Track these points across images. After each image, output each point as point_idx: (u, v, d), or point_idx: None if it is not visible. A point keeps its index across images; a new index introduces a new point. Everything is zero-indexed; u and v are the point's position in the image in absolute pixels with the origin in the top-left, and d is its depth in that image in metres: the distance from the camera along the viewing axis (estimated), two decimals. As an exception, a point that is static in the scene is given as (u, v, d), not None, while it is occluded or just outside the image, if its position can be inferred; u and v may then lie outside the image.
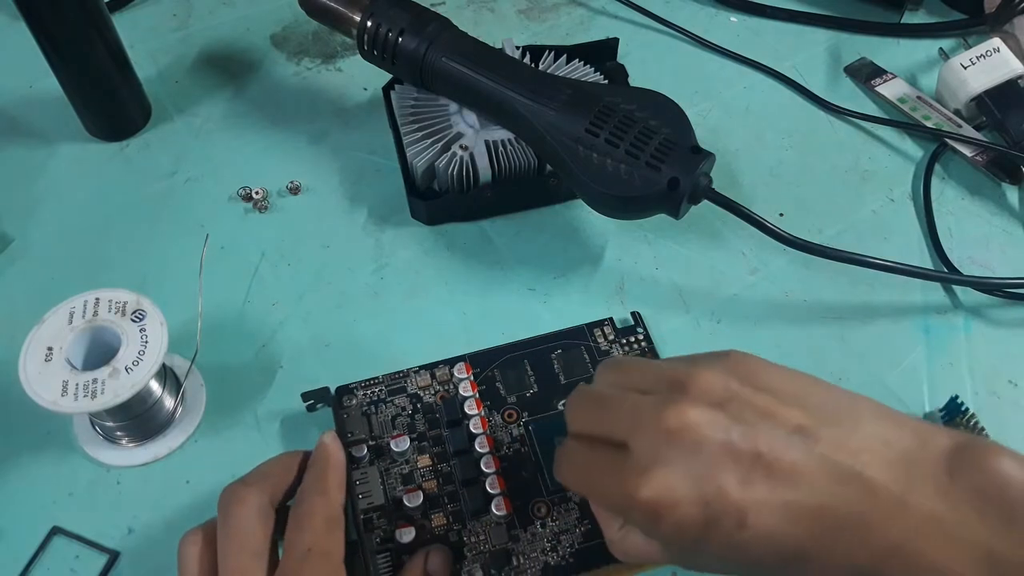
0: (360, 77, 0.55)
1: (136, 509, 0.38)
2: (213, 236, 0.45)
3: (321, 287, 0.45)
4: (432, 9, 0.46)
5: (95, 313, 0.36)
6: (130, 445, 0.39)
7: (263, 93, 0.54)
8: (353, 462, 0.37)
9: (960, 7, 0.59)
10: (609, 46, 0.54)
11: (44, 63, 0.46)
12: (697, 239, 0.47)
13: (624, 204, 0.41)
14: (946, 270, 0.46)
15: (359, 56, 0.48)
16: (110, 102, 0.50)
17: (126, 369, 0.35)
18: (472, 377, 0.40)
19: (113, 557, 0.36)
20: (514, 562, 0.35)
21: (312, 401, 0.39)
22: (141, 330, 0.36)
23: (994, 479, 0.25)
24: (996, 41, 0.51)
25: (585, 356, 0.42)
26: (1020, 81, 0.51)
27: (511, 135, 0.46)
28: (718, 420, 0.27)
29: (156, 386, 0.38)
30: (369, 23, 0.46)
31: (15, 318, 0.38)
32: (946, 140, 0.51)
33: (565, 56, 0.49)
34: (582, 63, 0.49)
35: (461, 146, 0.45)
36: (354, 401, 0.39)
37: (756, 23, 0.60)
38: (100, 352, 0.36)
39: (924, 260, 0.47)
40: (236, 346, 0.42)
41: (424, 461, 0.38)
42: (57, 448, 0.39)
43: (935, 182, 0.50)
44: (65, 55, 0.46)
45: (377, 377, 0.40)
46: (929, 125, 0.52)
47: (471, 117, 0.46)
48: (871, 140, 0.53)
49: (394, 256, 0.46)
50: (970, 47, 0.52)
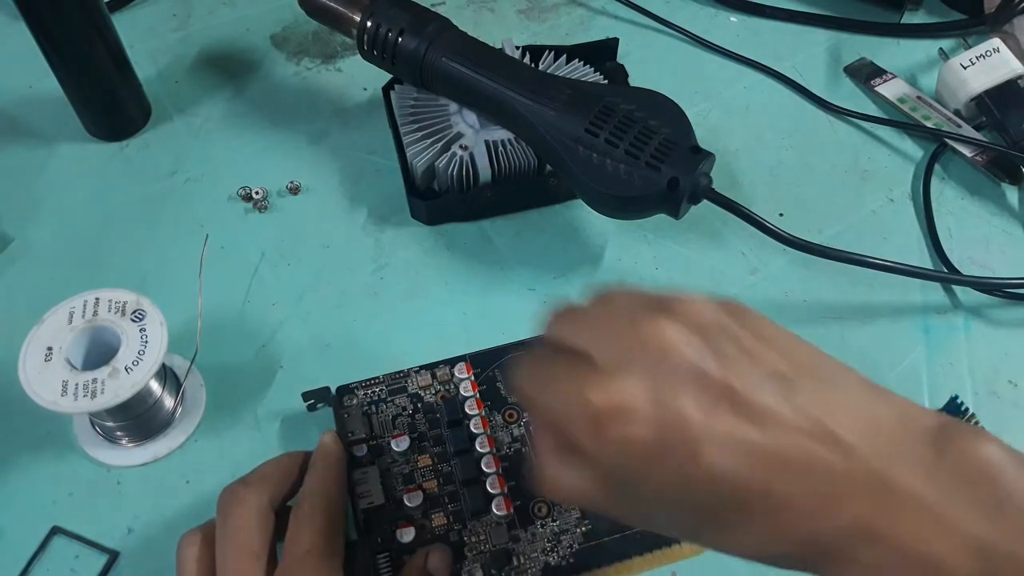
0: (360, 77, 0.55)
1: (136, 509, 0.38)
2: (213, 236, 0.45)
3: (321, 287, 0.45)
4: (432, 9, 0.46)
5: (95, 313, 0.36)
6: (130, 445, 0.39)
7: (263, 93, 0.54)
8: (353, 462, 0.37)
9: (960, 7, 0.59)
10: (609, 46, 0.54)
11: (44, 63, 0.46)
12: (697, 239, 0.47)
13: (624, 204, 0.41)
14: (946, 270, 0.46)
15: (359, 56, 0.48)
16: (110, 102, 0.50)
17: (126, 369, 0.35)
18: (473, 377, 0.40)
19: (113, 557, 0.36)
20: (514, 562, 0.35)
21: (313, 401, 0.39)
22: (141, 330, 0.36)
23: (982, 464, 0.23)
24: (996, 41, 0.52)
25: None
26: (1020, 81, 0.51)
27: (511, 135, 0.46)
28: (695, 342, 0.25)
29: (156, 386, 0.38)
30: (369, 23, 0.46)
31: (15, 318, 0.38)
32: (946, 140, 0.51)
33: (565, 56, 0.49)
34: (582, 63, 0.49)
35: (461, 146, 0.45)
36: (355, 401, 0.39)
37: (756, 23, 0.60)
38: (100, 352, 0.36)
39: (924, 260, 0.47)
40: (236, 346, 0.42)
41: (424, 461, 0.38)
42: (57, 448, 0.39)
43: (935, 182, 0.50)
44: (65, 55, 0.46)
45: (378, 377, 0.40)
46: (929, 125, 0.52)
47: (471, 117, 0.46)
48: (871, 140, 0.53)
49: (394, 256, 0.46)
50: (970, 47, 0.52)
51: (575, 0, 0.61)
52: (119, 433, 0.39)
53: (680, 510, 0.25)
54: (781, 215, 0.48)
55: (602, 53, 0.53)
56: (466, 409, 0.39)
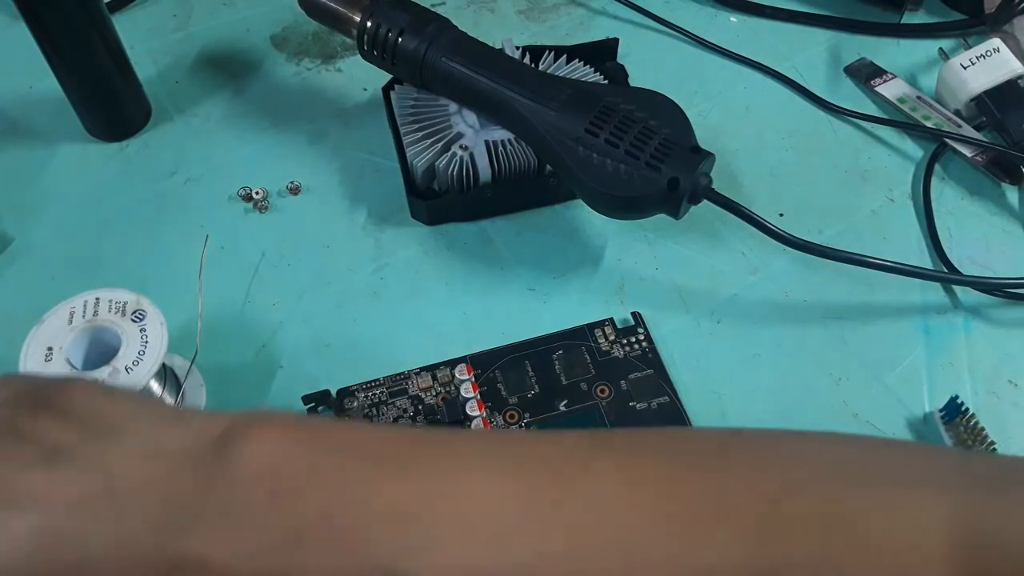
0: (360, 77, 0.55)
1: (136, 509, 0.37)
2: (213, 236, 0.45)
3: (321, 287, 0.45)
4: (432, 9, 0.46)
5: (95, 313, 0.36)
6: (130, 445, 0.39)
7: (263, 93, 0.54)
8: None
9: (960, 7, 0.59)
10: (609, 46, 0.54)
11: (44, 63, 0.46)
12: (697, 239, 0.47)
13: (624, 204, 0.41)
14: (946, 270, 0.46)
15: (359, 56, 0.48)
16: (110, 102, 0.50)
17: (126, 369, 0.35)
18: (473, 378, 0.40)
19: (113, 557, 0.36)
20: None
21: (313, 404, 0.39)
22: (141, 330, 0.36)
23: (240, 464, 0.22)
24: (996, 41, 0.51)
25: (586, 357, 0.41)
26: (1020, 81, 0.51)
27: (511, 135, 0.46)
28: None
29: (156, 386, 0.38)
30: (369, 23, 0.46)
31: (15, 318, 0.38)
32: (946, 140, 0.51)
33: (565, 56, 0.49)
34: (582, 63, 0.49)
35: (461, 146, 0.45)
36: (355, 403, 0.39)
37: (756, 23, 0.60)
38: (100, 352, 0.36)
39: (924, 260, 0.47)
40: (236, 346, 0.42)
41: (424, 461, 0.38)
42: (57, 448, 0.39)
43: (935, 182, 0.50)
44: (65, 55, 0.46)
45: (378, 379, 0.40)
46: (929, 125, 0.52)
47: (471, 117, 0.46)
48: (871, 140, 0.53)
49: (394, 256, 0.46)
50: (970, 47, 0.52)
51: (575, 0, 0.61)
52: (119, 433, 0.39)
53: None
54: (781, 215, 0.48)
55: (602, 53, 0.53)
56: (467, 411, 0.39)
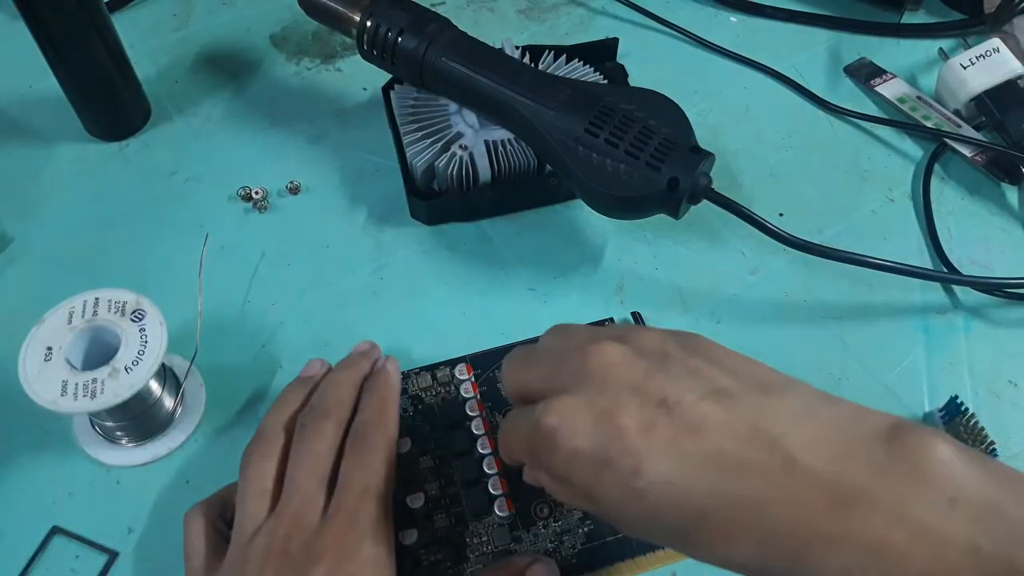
0: (360, 77, 0.55)
1: (136, 509, 0.37)
2: (213, 236, 0.45)
3: (321, 287, 0.45)
4: (432, 9, 0.46)
5: (95, 313, 0.36)
6: (130, 445, 0.39)
7: (263, 93, 0.54)
8: None
9: (960, 7, 0.59)
10: (609, 46, 0.54)
11: (44, 63, 0.46)
12: (697, 239, 0.47)
13: (624, 204, 0.41)
14: (946, 270, 0.46)
15: (359, 56, 0.48)
16: (110, 102, 0.49)
17: (126, 369, 0.35)
18: (473, 378, 0.40)
19: (113, 557, 0.36)
20: (515, 562, 0.35)
21: (312, 401, 0.39)
22: (141, 330, 0.36)
23: (934, 462, 0.23)
24: (996, 41, 0.52)
25: None
26: (1020, 81, 0.51)
27: (511, 135, 0.45)
28: (637, 364, 0.26)
29: (156, 386, 0.38)
30: (369, 23, 0.46)
31: (15, 318, 0.38)
32: (946, 140, 0.51)
33: (565, 56, 0.49)
34: (582, 63, 0.49)
35: (461, 146, 0.45)
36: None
37: (756, 23, 0.60)
38: (100, 352, 0.36)
39: (924, 260, 0.47)
40: (236, 346, 0.42)
41: (426, 463, 0.38)
42: (57, 448, 0.39)
43: (935, 182, 0.50)
44: (65, 55, 0.46)
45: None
46: (929, 125, 0.52)
47: (471, 117, 0.46)
48: (871, 140, 0.53)
49: (394, 256, 0.46)
50: (970, 47, 0.52)
51: (575, 0, 0.61)
52: (119, 433, 0.39)
53: (648, 526, 0.25)
54: (781, 215, 0.48)
55: (602, 53, 0.53)
56: (467, 411, 0.39)
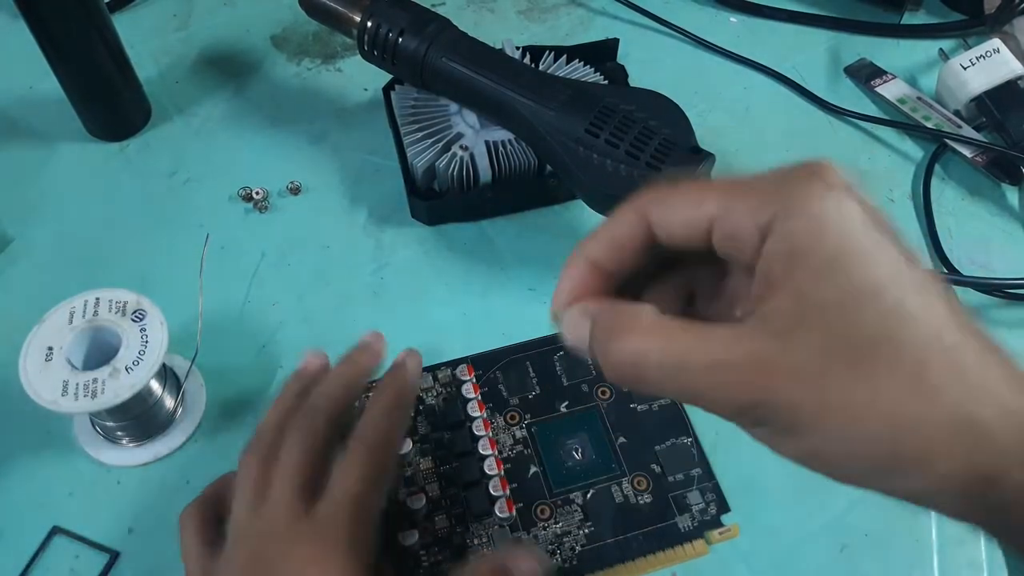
0: (360, 77, 0.55)
1: (136, 509, 0.37)
2: (213, 236, 0.45)
3: (321, 287, 0.45)
4: (432, 9, 0.46)
5: (95, 313, 0.36)
6: (130, 445, 0.39)
7: (263, 93, 0.54)
8: None
9: (960, 8, 0.59)
10: (609, 47, 0.54)
11: (44, 63, 0.46)
12: (697, 239, 0.47)
13: (625, 204, 0.41)
14: (946, 270, 0.46)
15: (359, 56, 0.48)
16: (110, 102, 0.49)
17: (126, 369, 0.35)
18: (474, 379, 0.40)
19: (113, 557, 0.36)
20: (515, 562, 0.35)
21: (313, 401, 0.39)
22: (141, 330, 0.36)
23: None
24: (996, 42, 0.52)
25: (587, 358, 0.41)
26: (1020, 82, 0.51)
27: (511, 135, 0.45)
28: None
29: (156, 386, 0.38)
30: (369, 23, 0.46)
31: (15, 318, 0.38)
32: (946, 141, 0.51)
33: (565, 56, 0.49)
34: (582, 63, 0.49)
35: (461, 146, 0.45)
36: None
37: (756, 23, 0.60)
38: (100, 352, 0.36)
39: (924, 260, 0.47)
40: (236, 346, 0.42)
41: (427, 464, 0.38)
42: (57, 448, 0.39)
43: (935, 183, 0.50)
44: (65, 55, 0.46)
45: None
46: (929, 126, 0.52)
47: (471, 117, 0.46)
48: (871, 140, 0.53)
49: (394, 256, 0.46)
50: (970, 48, 0.52)
51: (575, 0, 0.61)
52: (119, 433, 0.39)
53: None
54: (781, 215, 0.48)
55: (602, 53, 0.53)
56: (468, 411, 0.39)
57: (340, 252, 0.46)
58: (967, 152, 0.51)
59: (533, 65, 0.47)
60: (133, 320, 0.36)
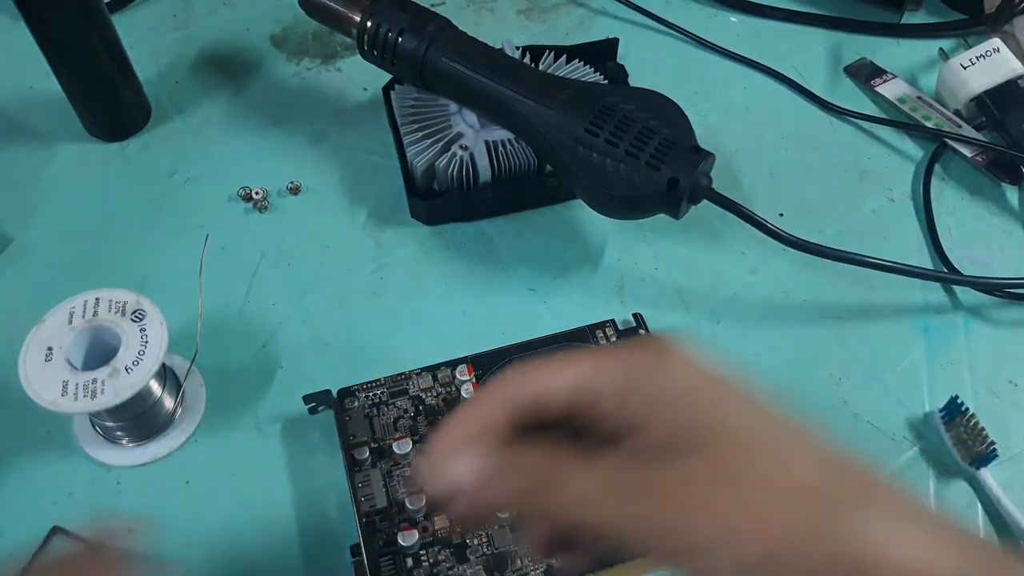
0: (360, 77, 0.55)
1: (136, 509, 0.37)
2: (213, 236, 0.45)
3: (321, 287, 0.45)
4: (432, 9, 0.46)
5: (95, 313, 0.36)
6: (130, 445, 0.39)
7: (263, 93, 0.54)
8: (356, 465, 0.37)
9: (960, 7, 0.59)
10: (609, 46, 0.54)
11: (44, 63, 0.46)
12: (697, 239, 0.47)
13: (624, 204, 0.41)
14: (946, 270, 0.46)
15: (359, 56, 0.48)
16: (110, 102, 0.49)
17: (126, 369, 0.35)
18: (474, 379, 0.40)
19: (113, 557, 0.36)
20: (517, 564, 0.35)
21: (314, 404, 0.39)
22: (141, 330, 0.36)
23: None
24: (996, 41, 0.52)
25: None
26: (1020, 81, 0.51)
27: (511, 135, 0.45)
28: None
29: (156, 386, 0.38)
30: (369, 23, 0.46)
31: (15, 318, 0.38)
32: (946, 140, 0.51)
33: (565, 56, 0.49)
34: (582, 63, 0.49)
35: (461, 146, 0.45)
36: (356, 403, 0.39)
37: (756, 23, 0.60)
38: (100, 352, 0.36)
39: (924, 260, 0.47)
40: (236, 346, 0.42)
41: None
42: (57, 448, 0.39)
43: (935, 182, 0.50)
44: (65, 55, 0.46)
45: (379, 379, 0.40)
46: (929, 125, 0.52)
47: (471, 117, 0.46)
48: (871, 140, 0.53)
49: (394, 256, 0.46)
50: (970, 47, 0.52)
51: (575, 0, 0.61)
52: (119, 433, 0.39)
53: None
54: (781, 215, 0.48)
55: (602, 53, 0.53)
56: (466, 409, 0.39)
57: (340, 252, 0.46)
58: (967, 152, 0.51)
59: (533, 65, 0.47)
60: (133, 320, 0.36)
